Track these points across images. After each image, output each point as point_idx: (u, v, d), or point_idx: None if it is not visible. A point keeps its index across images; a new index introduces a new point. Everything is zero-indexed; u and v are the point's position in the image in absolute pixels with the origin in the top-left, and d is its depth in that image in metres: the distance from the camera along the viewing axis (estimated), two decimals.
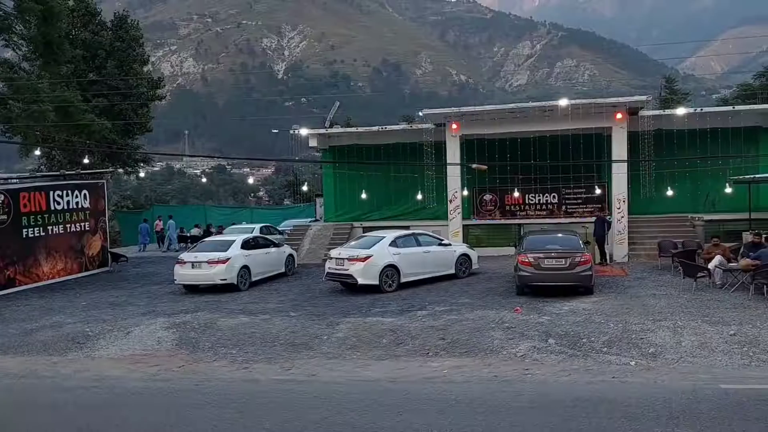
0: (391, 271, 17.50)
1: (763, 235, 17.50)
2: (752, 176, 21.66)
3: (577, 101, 23.53)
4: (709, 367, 10.07)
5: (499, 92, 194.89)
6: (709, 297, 14.89)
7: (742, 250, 17.12)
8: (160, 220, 35.75)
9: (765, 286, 14.59)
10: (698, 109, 25.45)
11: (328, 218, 28.52)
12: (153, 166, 66.68)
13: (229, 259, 18.57)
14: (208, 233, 32.43)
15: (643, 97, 23.45)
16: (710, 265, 16.34)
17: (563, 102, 22.60)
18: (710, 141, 23.63)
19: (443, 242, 19.37)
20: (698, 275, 16.15)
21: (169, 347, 12.67)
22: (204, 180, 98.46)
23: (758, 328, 11.93)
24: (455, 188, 24.20)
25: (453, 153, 23.92)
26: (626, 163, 22.51)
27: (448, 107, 26.27)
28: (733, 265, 16.24)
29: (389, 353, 11.69)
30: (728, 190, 22.14)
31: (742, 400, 8.35)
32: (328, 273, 18.14)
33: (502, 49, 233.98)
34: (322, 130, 28.25)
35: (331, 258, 18.11)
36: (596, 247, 21.23)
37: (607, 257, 21.60)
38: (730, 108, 25.94)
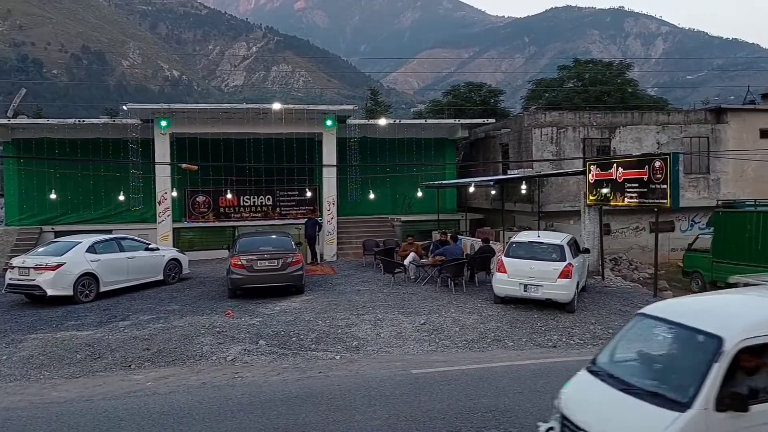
0: (88, 279, 15.79)
1: (449, 234, 19.97)
2: (440, 182, 24.65)
3: (291, 106, 24.11)
4: (403, 355, 11.03)
5: (216, 91, 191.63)
6: (404, 290, 16.44)
7: (431, 247, 19.29)
8: None
9: (449, 279, 16.62)
10: (397, 121, 28.08)
11: (11, 221, 24.69)
12: None
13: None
14: None
15: (351, 107, 25.03)
16: (405, 262, 18.07)
17: (277, 106, 22.95)
18: (407, 149, 26.20)
19: (150, 247, 18.15)
20: (396, 271, 17.75)
21: None
22: None
23: (443, 317, 13.49)
24: (164, 189, 22.92)
25: (162, 152, 22.63)
26: (335, 168, 23.76)
27: (158, 103, 24.78)
28: (424, 261, 18.18)
29: (85, 369, 10.47)
30: (420, 194, 24.80)
31: (429, 382, 9.27)
32: (8, 284, 15.67)
33: (218, 47, 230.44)
34: (4, 120, 24.41)
35: (14, 267, 15.66)
36: (308, 247, 21.99)
37: (318, 257, 22.53)
38: (422, 121, 29.15)
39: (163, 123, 22.60)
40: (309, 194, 24.83)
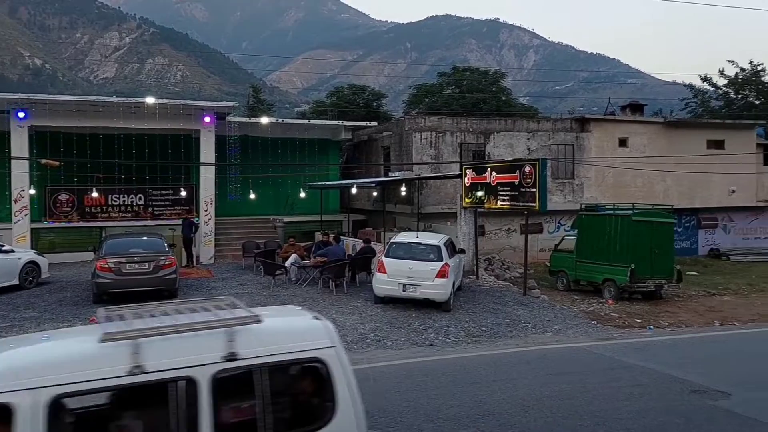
0: None
1: (331, 235, 19.91)
2: (323, 183, 24.56)
3: (166, 101, 23.06)
4: None
5: (84, 83, 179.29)
6: (285, 292, 16.19)
7: (313, 248, 19.14)
8: None
9: (330, 280, 16.56)
10: (280, 120, 27.66)
11: None
12: None
13: None
14: None
15: (231, 103, 24.34)
16: (287, 263, 17.81)
17: (150, 100, 21.84)
18: (290, 149, 25.86)
19: (4, 248, 16.61)
20: (276, 273, 17.44)
21: None
22: None
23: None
24: (21, 186, 21.10)
25: (19, 146, 20.80)
26: (214, 166, 22.97)
27: (16, 93, 22.79)
28: (305, 262, 18.00)
29: None
30: (303, 195, 24.53)
31: None
32: None
33: (87, 36, 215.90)
34: None
35: None
36: (183, 249, 21.09)
37: (194, 259, 21.67)
38: (306, 121, 28.91)
39: (21, 114, 20.79)
40: (184, 193, 23.78)
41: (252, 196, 23.85)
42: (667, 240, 17.76)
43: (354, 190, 24.38)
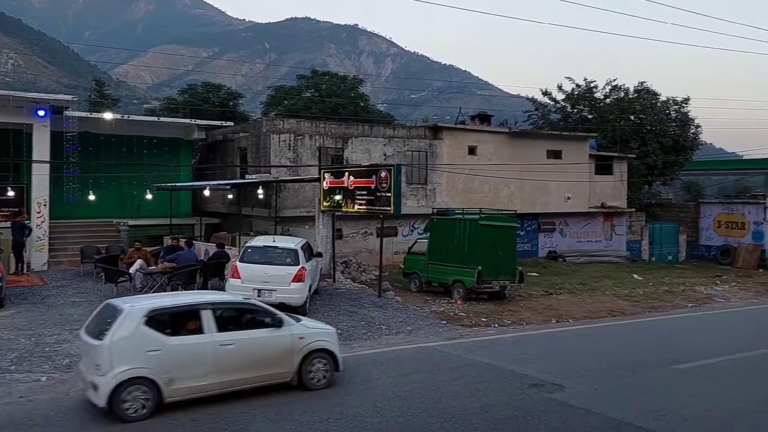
0: None
1: (182, 239, 19.00)
2: (173, 184, 23.37)
3: None
4: None
5: None
6: None
7: (161, 253, 18.13)
8: None
9: (180, 287, 15.78)
10: (126, 116, 25.93)
11: None
12: None
13: None
14: None
15: (69, 97, 22.38)
16: (131, 270, 16.72)
17: None
18: (137, 148, 24.34)
19: None
20: (119, 280, 16.33)
21: None
22: None
23: None
24: None
25: None
26: (48, 164, 21.02)
27: None
28: (152, 268, 17.00)
29: None
30: (150, 196, 23.16)
31: None
32: None
33: None
34: None
35: None
36: (12, 254, 19.11)
37: (25, 266, 19.70)
38: (155, 118, 27.38)
39: None
40: (12, 194, 21.41)
41: (92, 197, 22.08)
42: (510, 243, 18.92)
43: (207, 193, 23.48)
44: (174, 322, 8.63)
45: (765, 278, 26.94)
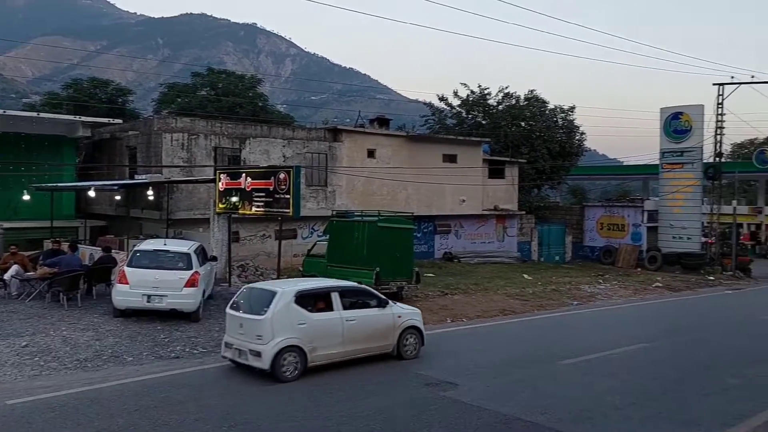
0: None
1: (64, 243, 17.84)
2: (54, 185, 21.90)
3: None
4: None
5: None
6: (2, 309, 14.07)
7: (41, 257, 16.95)
8: None
9: (61, 293, 14.82)
10: (2, 111, 24.04)
11: None
12: None
13: None
14: None
15: None
16: (6, 276, 15.52)
17: None
18: (14, 145, 22.68)
19: None
20: None
21: None
22: None
23: (51, 336, 11.95)
24: None
25: None
26: None
27: None
28: (30, 274, 15.86)
29: None
30: (27, 197, 21.62)
31: (29, 412, 8.08)
32: None
33: None
34: None
35: None
36: None
37: None
38: (35, 114, 25.54)
39: None
40: None
41: None
42: (408, 244, 19.23)
43: (92, 193, 22.22)
44: (313, 301, 10.64)
45: (643, 277, 28.97)
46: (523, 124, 38.15)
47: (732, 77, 33.40)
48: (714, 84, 33.35)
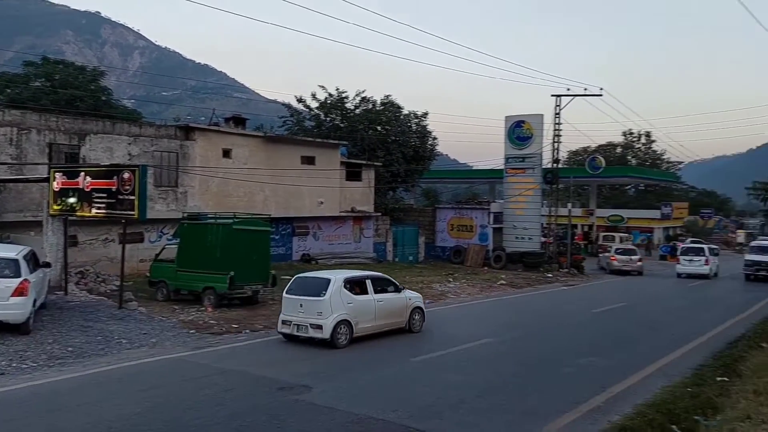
0: None
1: None
2: None
3: None
4: None
5: None
6: None
7: None
8: None
9: None
10: None
11: None
12: None
13: None
14: None
15: None
16: None
17: None
18: None
19: None
20: None
21: None
22: None
23: None
24: None
25: None
26: None
27: None
28: None
29: None
30: None
31: None
32: None
33: None
34: None
35: None
36: None
37: None
38: None
39: None
40: None
41: None
42: (264, 247, 18.89)
43: None
44: (355, 286, 13.60)
45: (489, 275, 30.65)
46: (379, 128, 38.91)
47: (568, 89, 36.16)
48: (552, 95, 36.18)
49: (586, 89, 36.08)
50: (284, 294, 13.59)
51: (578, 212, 53.22)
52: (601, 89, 36.44)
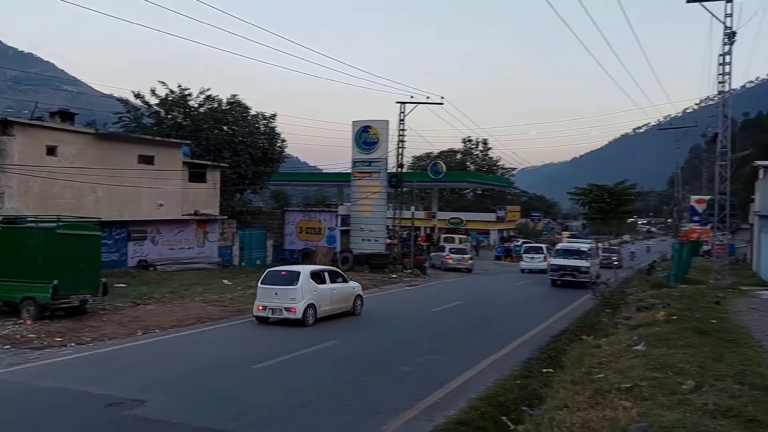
0: None
1: None
2: None
3: None
4: None
5: None
6: None
7: None
8: None
9: None
10: None
11: None
12: None
13: None
14: None
15: None
16: None
17: None
18: None
19: None
20: None
21: None
22: None
23: None
24: None
25: None
26: None
27: None
28: None
29: None
30: None
31: None
32: None
33: None
34: None
35: None
36: None
37: None
38: None
39: None
40: None
41: None
42: (93, 253, 17.52)
43: None
44: (316, 277, 17.01)
45: None
46: (225, 128, 37.69)
47: (411, 97, 37.44)
48: (397, 102, 37.28)
49: (428, 97, 37.57)
50: (259, 284, 16.79)
51: (421, 215, 55.38)
52: (443, 98, 38.03)
